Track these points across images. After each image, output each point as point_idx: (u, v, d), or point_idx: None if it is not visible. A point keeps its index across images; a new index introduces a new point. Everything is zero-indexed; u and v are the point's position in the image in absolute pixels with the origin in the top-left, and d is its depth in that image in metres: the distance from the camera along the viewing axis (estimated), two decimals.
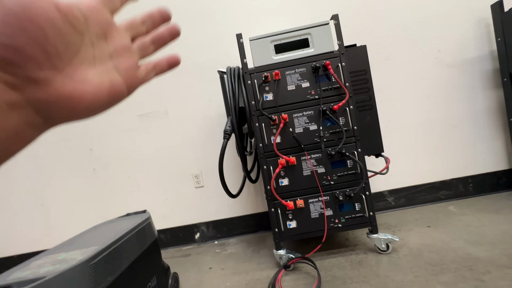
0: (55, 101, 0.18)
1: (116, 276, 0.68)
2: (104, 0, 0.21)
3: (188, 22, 1.52)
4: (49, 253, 0.71)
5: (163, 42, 0.26)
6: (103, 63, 0.21)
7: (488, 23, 1.41)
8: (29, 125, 0.17)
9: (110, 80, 0.21)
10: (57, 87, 0.18)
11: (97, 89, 0.20)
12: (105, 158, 1.59)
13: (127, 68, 0.22)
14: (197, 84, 1.54)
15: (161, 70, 0.26)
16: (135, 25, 0.24)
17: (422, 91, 1.46)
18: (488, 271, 0.83)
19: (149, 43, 0.25)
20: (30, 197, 1.62)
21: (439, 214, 1.31)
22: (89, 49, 0.20)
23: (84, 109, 0.19)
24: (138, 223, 0.87)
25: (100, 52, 0.21)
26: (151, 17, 0.25)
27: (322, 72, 1.03)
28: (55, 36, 0.17)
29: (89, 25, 0.20)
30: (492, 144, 1.45)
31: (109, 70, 0.21)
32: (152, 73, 0.25)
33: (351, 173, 1.03)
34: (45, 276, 0.54)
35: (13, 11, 0.15)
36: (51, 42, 0.17)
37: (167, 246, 1.58)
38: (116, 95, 0.21)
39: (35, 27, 0.16)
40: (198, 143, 1.55)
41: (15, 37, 0.15)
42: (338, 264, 1.02)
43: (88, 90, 0.19)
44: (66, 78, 0.18)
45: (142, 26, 0.24)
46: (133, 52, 0.23)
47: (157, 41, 0.25)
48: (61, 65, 0.18)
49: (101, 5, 0.21)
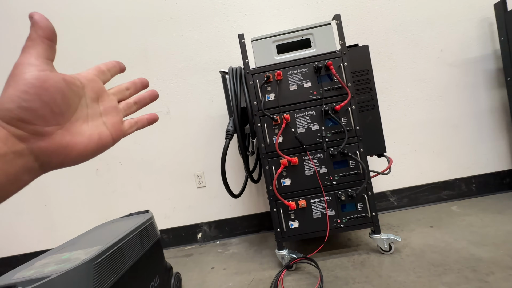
0: (54, 149, 0.22)
1: (119, 275, 0.69)
2: (98, 74, 0.28)
3: (190, 22, 1.52)
4: (53, 252, 0.72)
5: (144, 103, 0.33)
6: (94, 120, 0.26)
7: (491, 22, 1.40)
8: (27, 171, 0.21)
9: (99, 133, 0.26)
10: (57, 139, 0.22)
11: (88, 140, 0.25)
12: (107, 158, 1.60)
13: (113, 123, 0.28)
14: (199, 84, 1.54)
15: (142, 125, 0.32)
16: (121, 91, 0.31)
17: (424, 91, 1.45)
18: (491, 272, 0.83)
19: (132, 104, 0.31)
20: (33, 197, 1.63)
21: (442, 214, 1.31)
22: (84, 109, 0.25)
23: (76, 156, 0.24)
24: (141, 223, 0.88)
25: (92, 111, 0.26)
26: (133, 84, 0.32)
27: (324, 72, 1.03)
28: (61, 100, 0.22)
29: (86, 91, 0.26)
30: (495, 144, 1.44)
31: (99, 125, 0.26)
32: (134, 127, 0.31)
33: (353, 173, 1.03)
34: (49, 275, 0.54)
35: (33, 83, 0.20)
36: (57, 104, 0.22)
37: (169, 246, 1.58)
38: (103, 144, 0.26)
39: (48, 94, 0.21)
40: (200, 144, 1.56)
41: (32, 102, 0.20)
42: (341, 265, 1.02)
43: (81, 141, 0.24)
44: (65, 131, 0.23)
45: (127, 91, 0.31)
46: (119, 111, 0.29)
47: (139, 102, 0.32)
48: (63, 121, 0.23)
49: (96, 77, 0.28)
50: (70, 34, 1.56)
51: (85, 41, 1.56)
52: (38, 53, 0.22)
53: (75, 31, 1.56)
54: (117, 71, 0.31)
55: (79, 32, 1.56)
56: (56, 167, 0.23)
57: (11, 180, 0.20)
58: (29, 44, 0.22)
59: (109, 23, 1.55)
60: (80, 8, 1.55)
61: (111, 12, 1.54)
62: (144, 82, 0.33)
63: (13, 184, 0.20)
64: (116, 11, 1.54)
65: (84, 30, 1.56)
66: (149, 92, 0.33)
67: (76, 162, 0.24)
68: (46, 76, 0.21)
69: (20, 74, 0.20)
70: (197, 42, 1.53)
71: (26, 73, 0.21)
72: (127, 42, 1.55)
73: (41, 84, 0.21)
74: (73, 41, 1.56)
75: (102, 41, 1.56)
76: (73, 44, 1.55)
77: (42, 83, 0.21)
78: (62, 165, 0.23)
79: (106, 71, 0.29)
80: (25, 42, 0.22)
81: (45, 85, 0.21)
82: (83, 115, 0.25)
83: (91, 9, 1.55)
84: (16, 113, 0.20)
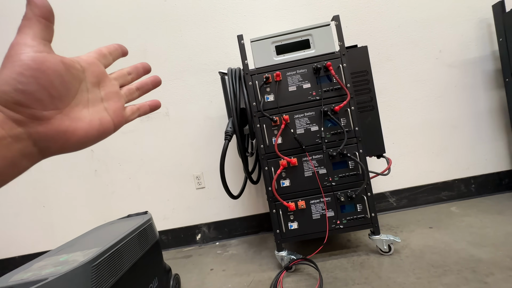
0: (53, 134, 0.21)
1: (117, 277, 0.68)
2: (99, 57, 0.27)
3: (189, 23, 1.52)
4: (51, 254, 0.71)
5: (147, 89, 0.32)
6: (95, 105, 0.25)
7: (489, 23, 1.41)
8: (25, 156, 0.21)
9: (100, 119, 0.25)
10: (55, 123, 0.21)
11: (89, 126, 0.24)
12: (106, 159, 1.59)
13: (115, 109, 0.27)
14: (198, 85, 1.54)
15: (144, 112, 0.31)
16: (123, 75, 0.30)
17: (423, 91, 1.45)
18: (491, 273, 0.82)
19: (135, 89, 0.30)
20: (32, 198, 1.63)
21: (441, 215, 1.31)
22: (84, 93, 0.25)
23: (76, 142, 0.23)
24: (140, 224, 0.87)
25: (93, 96, 0.26)
26: (135, 69, 0.31)
27: (323, 73, 1.03)
28: (59, 84, 0.22)
29: (86, 75, 0.25)
30: (494, 144, 1.44)
31: (100, 111, 0.26)
32: (136, 114, 0.30)
33: (353, 174, 1.03)
34: (47, 277, 0.54)
35: (29, 65, 0.20)
36: (55, 88, 0.21)
37: (168, 247, 1.58)
38: (104, 130, 0.26)
39: (45, 77, 0.20)
40: (199, 144, 1.55)
41: (28, 84, 0.19)
42: (340, 266, 1.01)
43: (80, 126, 0.23)
44: (64, 116, 0.22)
45: (129, 76, 0.30)
46: (121, 96, 0.28)
47: (142, 88, 0.31)
48: (62, 105, 0.22)
49: (96, 60, 0.27)
50: (69, 34, 1.55)
51: (84, 41, 1.56)
52: (34, 34, 0.21)
53: (74, 31, 1.55)
54: (119, 55, 0.30)
55: (78, 32, 1.56)
56: (56, 152, 0.23)
57: (9, 164, 0.20)
58: (25, 23, 0.21)
59: (108, 23, 1.55)
60: (79, 8, 1.55)
61: (110, 12, 1.54)
62: (146, 66, 0.32)
63: (11, 168, 0.20)
64: (115, 12, 1.54)
65: (82, 30, 1.56)
66: (151, 77, 0.32)
67: (76, 147, 0.24)
68: (43, 57, 0.20)
69: (16, 55, 0.20)
70: (196, 43, 1.53)
71: (22, 54, 0.20)
72: (126, 42, 1.55)
73: (37, 66, 0.20)
74: (71, 41, 1.55)
75: (101, 41, 1.56)
76: (72, 44, 1.55)
77: (39, 65, 0.20)
78: (62, 151, 0.23)
79: (107, 54, 0.28)
80: (21, 22, 0.21)
81: (42, 67, 0.20)
82: (83, 99, 0.24)
83: (90, 9, 1.55)
84: (12, 96, 0.19)
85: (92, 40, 1.56)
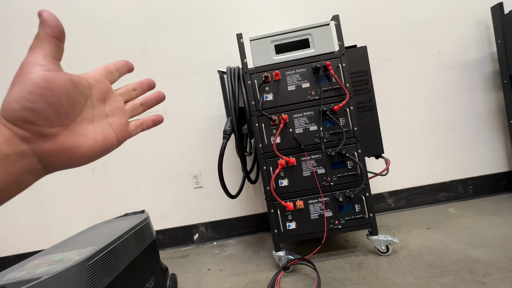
0: (58, 151, 0.21)
1: (113, 276, 0.67)
2: (106, 73, 0.28)
3: (188, 22, 1.51)
4: (46, 253, 0.70)
5: (151, 105, 0.32)
6: (100, 121, 0.26)
7: (488, 25, 1.41)
8: (29, 172, 0.21)
9: (104, 134, 0.25)
10: (61, 140, 0.22)
11: (93, 141, 0.24)
12: (104, 158, 1.57)
13: (119, 125, 0.27)
14: (197, 84, 1.53)
15: (147, 126, 0.32)
16: (128, 91, 0.30)
17: (422, 92, 1.45)
18: (488, 274, 0.82)
19: (139, 105, 0.31)
20: (28, 197, 1.61)
21: (439, 216, 1.31)
22: (90, 109, 0.25)
23: (80, 158, 0.23)
24: (136, 224, 0.87)
25: (98, 112, 0.26)
26: (140, 85, 0.32)
27: (323, 72, 1.03)
28: (66, 101, 0.22)
29: (93, 92, 0.25)
30: (492, 146, 1.45)
31: (105, 126, 0.26)
32: (139, 129, 0.30)
33: (351, 174, 1.03)
34: (41, 276, 0.53)
35: (38, 84, 0.20)
36: (62, 106, 0.21)
37: (165, 246, 1.57)
38: (108, 146, 0.26)
39: (53, 95, 0.21)
40: (198, 143, 1.55)
41: (37, 102, 0.20)
42: (338, 266, 1.01)
43: (85, 142, 0.23)
44: (69, 132, 0.22)
45: (133, 92, 0.31)
46: (125, 112, 0.29)
47: (146, 103, 0.32)
48: (68, 122, 0.22)
49: (103, 77, 0.27)
50: (68, 33, 1.53)
51: (83, 40, 1.55)
52: (45, 53, 0.21)
53: (73, 30, 1.54)
54: (126, 71, 0.30)
55: (77, 31, 1.54)
56: (59, 168, 0.23)
57: (14, 181, 0.20)
58: (36, 43, 0.21)
59: (107, 22, 1.54)
60: (78, 7, 1.54)
61: (109, 11, 1.53)
62: (150, 83, 0.33)
63: (15, 185, 0.20)
64: (114, 10, 1.53)
65: (82, 29, 1.54)
66: (155, 93, 0.33)
67: (79, 163, 0.24)
68: (52, 76, 0.21)
69: (26, 74, 0.20)
70: (195, 41, 1.52)
71: (32, 73, 0.20)
72: (125, 41, 1.54)
73: (47, 84, 0.20)
74: (70, 40, 1.54)
75: (100, 40, 1.54)
76: (71, 43, 1.54)
77: (48, 83, 0.20)
78: (66, 167, 0.23)
79: (114, 71, 0.29)
80: (33, 41, 0.21)
81: (51, 86, 0.20)
82: (88, 116, 0.25)
83: (89, 8, 1.54)
84: (21, 113, 0.19)
85: (91, 39, 1.55)
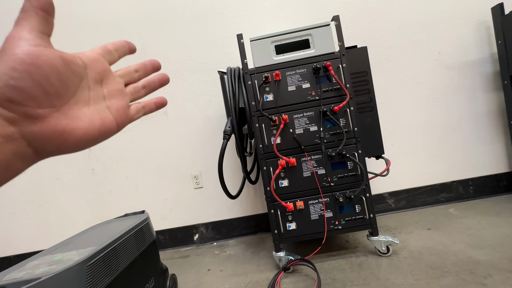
0: (48, 134, 0.20)
1: (113, 277, 0.67)
2: (103, 53, 0.25)
3: (189, 22, 1.52)
4: (46, 253, 0.70)
5: (154, 88, 0.30)
6: (97, 103, 0.24)
7: (488, 25, 1.41)
8: (19, 157, 0.19)
9: (102, 118, 0.24)
10: (51, 122, 0.20)
11: (89, 125, 0.22)
12: (104, 158, 1.58)
13: (118, 108, 0.25)
14: (197, 84, 1.53)
15: (150, 110, 0.29)
16: (129, 73, 0.28)
17: (422, 93, 1.45)
18: (489, 275, 0.82)
19: (141, 88, 0.29)
20: (28, 197, 1.61)
21: (439, 216, 1.31)
22: (85, 91, 0.23)
23: (75, 142, 0.22)
24: (136, 224, 0.87)
25: (95, 94, 0.24)
26: (143, 66, 0.29)
27: (323, 73, 1.03)
28: (56, 80, 0.20)
29: (88, 72, 0.24)
30: (493, 146, 1.45)
31: (102, 109, 0.24)
32: (141, 112, 0.28)
33: (352, 174, 1.03)
34: (40, 277, 0.53)
35: (22, 59, 0.18)
36: (52, 85, 0.20)
37: (165, 247, 1.57)
38: (106, 130, 0.24)
39: (40, 73, 0.19)
40: (198, 144, 1.55)
41: (21, 80, 0.18)
42: (338, 267, 1.01)
43: (80, 126, 0.22)
44: (61, 114, 0.21)
45: (135, 73, 0.29)
46: (125, 94, 0.27)
47: (148, 86, 0.29)
48: (59, 103, 0.21)
49: (100, 56, 0.25)
50: (67, 33, 1.54)
51: (83, 40, 1.55)
52: (31, 26, 0.19)
53: (73, 31, 1.54)
54: (126, 52, 0.28)
55: (77, 32, 1.55)
56: (53, 153, 0.21)
57: (2, 166, 0.18)
58: (22, 16, 0.19)
59: (107, 22, 1.54)
60: (78, 7, 1.54)
61: (109, 11, 1.53)
62: (155, 64, 0.30)
63: (4, 171, 0.19)
64: (114, 10, 1.53)
65: (82, 30, 1.55)
66: (159, 75, 0.30)
67: (75, 148, 0.22)
68: (39, 52, 0.19)
69: (10, 49, 0.18)
70: (195, 42, 1.52)
71: (16, 48, 0.18)
72: None
73: (32, 60, 0.18)
74: (69, 40, 1.54)
75: (101, 41, 1.55)
76: (70, 43, 1.54)
77: (34, 59, 0.19)
78: (60, 152, 0.21)
79: (113, 51, 0.27)
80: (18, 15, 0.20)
81: (37, 62, 0.19)
82: (84, 98, 0.23)
83: (90, 9, 1.54)
84: (3, 92, 0.18)
85: (91, 40, 1.55)
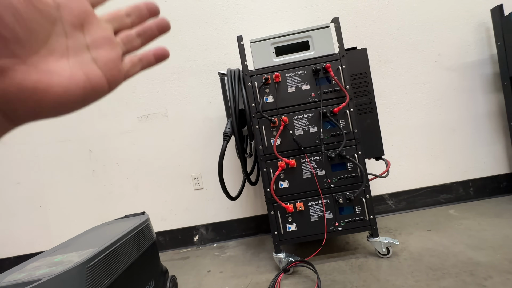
0: (16, 92, 0.16)
1: (113, 278, 0.67)
2: None
3: (189, 24, 1.52)
4: (46, 255, 0.70)
5: (151, 36, 0.24)
6: (78, 55, 0.19)
7: (488, 27, 1.41)
8: None
9: (86, 73, 0.19)
10: (17, 77, 0.16)
11: (70, 82, 0.18)
12: (104, 159, 1.58)
13: (107, 61, 0.20)
14: (198, 86, 1.54)
15: (148, 63, 0.24)
16: (119, 17, 0.22)
17: (422, 94, 1.46)
18: (489, 276, 0.82)
19: (135, 36, 0.23)
20: (28, 198, 1.61)
21: (439, 218, 1.31)
22: (61, 39, 0.18)
23: (54, 102, 0.17)
24: (137, 225, 0.87)
25: (75, 43, 0.19)
26: (137, 9, 0.23)
27: (323, 74, 1.03)
28: (15, 22, 0.15)
29: (62, 14, 0.18)
30: (493, 148, 1.45)
31: (86, 62, 0.19)
32: (138, 67, 0.23)
33: (351, 176, 1.03)
34: (41, 278, 0.53)
35: None
36: (10, 29, 0.15)
37: (165, 248, 1.57)
38: (94, 88, 0.19)
39: None
40: (198, 145, 1.55)
41: None
42: (338, 268, 1.01)
43: (57, 82, 0.17)
44: (30, 68, 0.16)
45: (127, 18, 0.23)
46: (115, 44, 0.21)
47: (144, 34, 0.23)
48: (24, 53, 0.16)
49: None
50: None
51: None
52: None
53: None
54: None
55: None
56: (30, 117, 0.17)
57: None
58: None
59: None
60: None
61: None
62: (151, 7, 0.23)
63: None
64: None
65: None
66: (157, 21, 0.23)
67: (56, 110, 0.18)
68: None
69: None
70: (196, 43, 1.52)
71: None
72: None
73: None
74: None
75: None
76: None
77: None
78: (38, 115, 0.17)
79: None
80: None
81: None
82: (60, 47, 0.18)
83: None
84: None
85: None
